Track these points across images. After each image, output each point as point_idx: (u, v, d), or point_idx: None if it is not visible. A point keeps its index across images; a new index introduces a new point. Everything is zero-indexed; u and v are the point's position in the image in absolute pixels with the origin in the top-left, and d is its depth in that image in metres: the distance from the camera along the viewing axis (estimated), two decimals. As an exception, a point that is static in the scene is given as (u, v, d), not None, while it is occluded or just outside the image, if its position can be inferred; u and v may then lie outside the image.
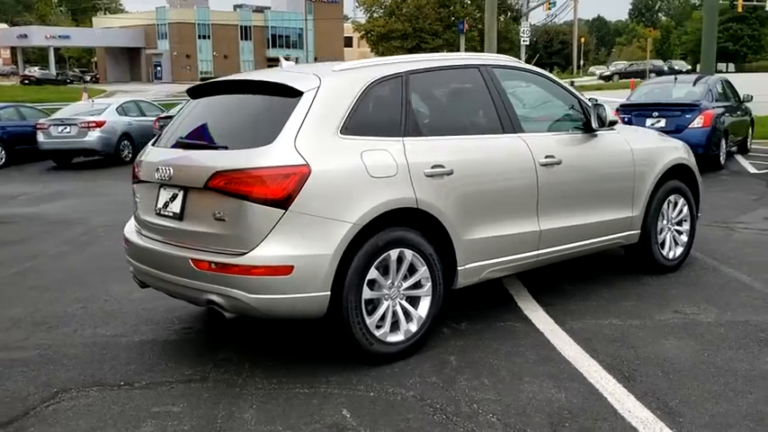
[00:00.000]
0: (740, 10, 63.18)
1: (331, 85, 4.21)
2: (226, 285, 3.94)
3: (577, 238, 5.28)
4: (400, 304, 4.30)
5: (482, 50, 66.29)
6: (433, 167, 4.36)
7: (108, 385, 4.14)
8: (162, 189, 4.43)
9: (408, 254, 4.25)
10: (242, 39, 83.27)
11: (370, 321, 4.16)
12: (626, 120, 12.40)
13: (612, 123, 5.54)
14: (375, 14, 67.25)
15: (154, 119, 17.66)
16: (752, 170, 12.60)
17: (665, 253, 6.02)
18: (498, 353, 4.41)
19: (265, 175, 3.86)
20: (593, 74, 67.89)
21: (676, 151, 6.10)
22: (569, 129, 5.38)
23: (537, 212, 4.94)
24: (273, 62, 73.18)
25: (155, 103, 21.42)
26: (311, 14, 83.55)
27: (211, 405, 3.83)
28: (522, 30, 53.34)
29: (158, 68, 79.35)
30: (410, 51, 64.54)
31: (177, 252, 4.19)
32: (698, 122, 12.01)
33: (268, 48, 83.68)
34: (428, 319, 4.41)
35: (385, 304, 4.22)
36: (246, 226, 3.90)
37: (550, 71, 72.06)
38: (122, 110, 18.04)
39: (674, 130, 11.77)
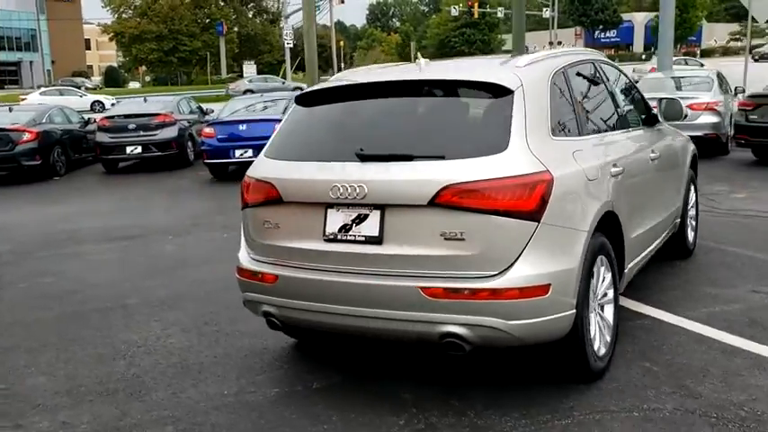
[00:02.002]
0: (476, 16, 69.43)
1: (531, 80, 3.83)
2: (472, 314, 3.42)
3: (663, 231, 5.43)
4: (599, 315, 4.07)
5: (246, 53, 65.46)
6: (614, 167, 4.20)
7: None
8: (333, 210, 3.72)
9: (604, 261, 4.04)
10: (-37, 40, 73.24)
11: (591, 336, 3.88)
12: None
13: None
14: (124, 15, 63.04)
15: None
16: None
17: (690, 237, 6.42)
18: (662, 350, 4.37)
19: (514, 184, 3.41)
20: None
21: (691, 142, 6.50)
22: (639, 123, 5.48)
23: (656, 208, 4.99)
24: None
25: None
26: (44, 14, 75.95)
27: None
28: (284, 32, 53.43)
29: None
30: (167, 53, 61.57)
31: (392, 282, 3.54)
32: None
33: (-5, 50, 74.54)
34: (616, 327, 4.23)
35: (592, 316, 3.96)
36: (497, 244, 3.41)
37: (311, 73, 72.81)
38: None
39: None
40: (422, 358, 4.43)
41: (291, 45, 52.37)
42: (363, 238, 3.64)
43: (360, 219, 3.65)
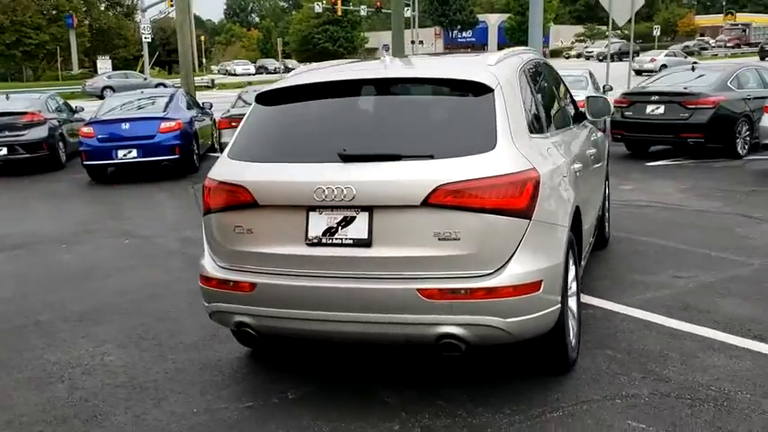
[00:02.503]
0: (339, 13, 69.65)
1: (506, 78, 3.86)
2: (470, 314, 3.41)
3: (597, 223, 5.69)
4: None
5: (99, 47, 61.78)
6: (575, 163, 4.33)
7: None
8: (316, 213, 3.58)
9: (571, 254, 4.15)
10: None
11: (568, 328, 3.98)
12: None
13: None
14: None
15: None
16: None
17: (606, 228, 6.79)
18: (617, 338, 4.58)
19: (506, 182, 3.43)
20: (223, 72, 68.19)
21: (606, 137, 6.85)
22: (572, 120, 5.68)
23: (595, 201, 5.21)
24: None
25: None
26: None
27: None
28: (142, 26, 51.16)
29: None
30: (9, 47, 57.16)
31: (386, 285, 3.45)
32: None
33: None
34: (580, 317, 4.37)
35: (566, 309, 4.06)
36: (492, 242, 3.41)
37: (170, 70, 70.17)
38: None
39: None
40: (390, 360, 4.38)
41: (149, 40, 50.17)
42: (351, 241, 3.53)
43: (346, 221, 3.54)
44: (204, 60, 78.71)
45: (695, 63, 14.00)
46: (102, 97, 37.57)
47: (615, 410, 3.63)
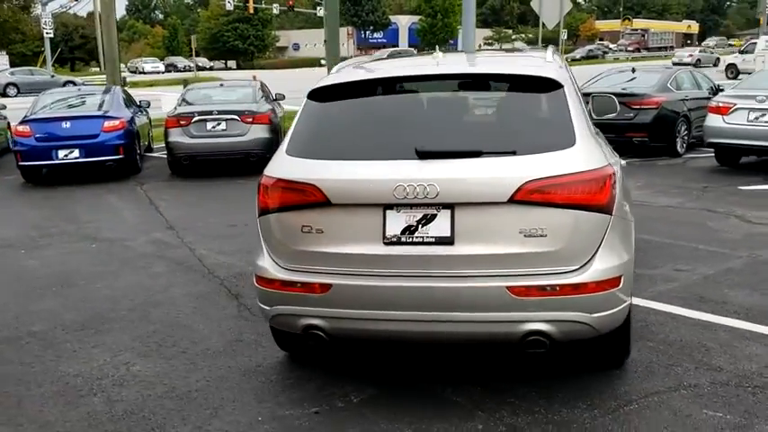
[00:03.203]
0: (251, 11, 68.54)
1: (566, 75, 3.89)
2: (558, 310, 3.42)
3: None
4: None
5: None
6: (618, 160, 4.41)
7: None
8: (393, 211, 3.50)
9: None
10: None
11: (629, 322, 4.05)
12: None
13: None
14: None
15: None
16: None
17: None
18: (651, 330, 4.71)
19: (590, 178, 3.46)
20: (132, 69, 65.57)
21: None
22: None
23: None
24: None
25: None
26: None
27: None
28: (43, 20, 48.79)
29: None
30: None
31: (474, 283, 3.41)
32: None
33: None
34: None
35: None
36: (579, 238, 3.43)
37: (72, 66, 66.91)
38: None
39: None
40: (440, 358, 4.34)
41: (51, 35, 47.87)
42: (433, 239, 3.47)
43: (426, 219, 3.48)
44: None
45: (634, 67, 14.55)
46: (4, 95, 35.52)
47: (685, 401, 3.73)
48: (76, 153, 11.91)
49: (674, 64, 41.03)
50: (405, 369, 4.29)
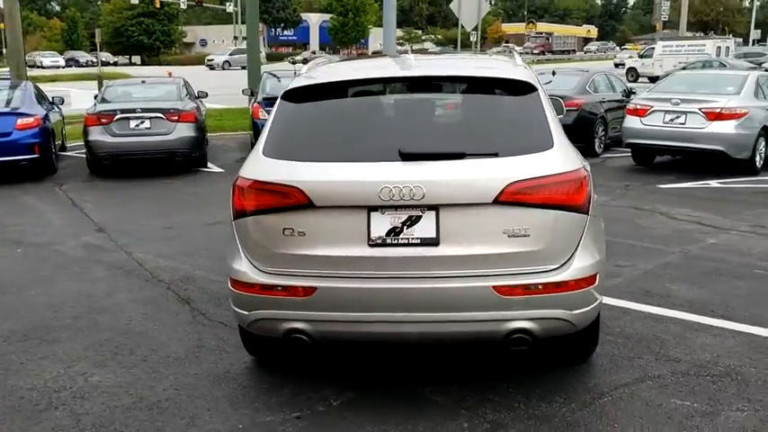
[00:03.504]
0: (157, 5, 66.65)
1: (536, 79, 3.99)
2: (541, 308, 3.51)
3: None
4: None
5: None
6: None
7: None
8: (378, 213, 3.50)
9: None
10: None
11: (595, 317, 4.19)
12: (271, 112, 12.83)
13: None
14: None
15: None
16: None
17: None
18: (606, 324, 4.90)
19: (569, 179, 3.57)
20: (30, 63, 62.07)
21: None
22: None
23: None
24: None
25: None
26: None
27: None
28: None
29: None
30: None
31: (460, 284, 3.45)
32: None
33: None
34: None
35: None
36: (560, 238, 3.54)
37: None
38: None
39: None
40: (409, 359, 4.36)
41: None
42: (418, 241, 3.50)
43: (411, 221, 3.50)
44: (4, 50, 71.88)
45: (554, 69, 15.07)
46: None
47: (653, 391, 3.91)
48: (-14, 152, 11.23)
49: (616, 65, 42.78)
50: (380, 371, 4.29)
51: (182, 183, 11.30)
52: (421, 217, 3.50)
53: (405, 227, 3.50)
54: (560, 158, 3.61)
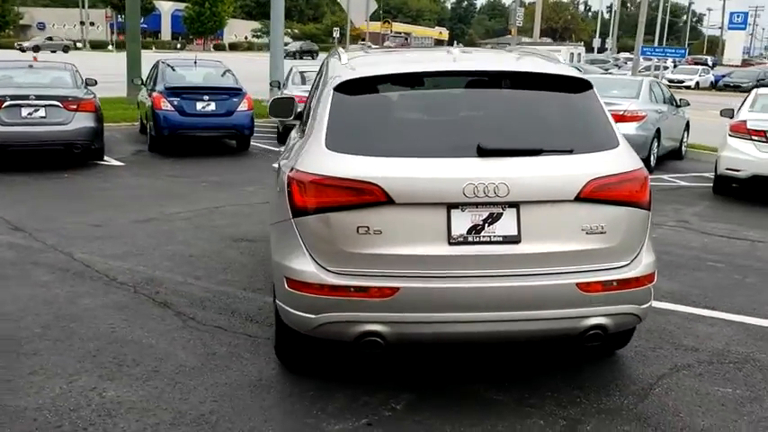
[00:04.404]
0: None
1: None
2: (617, 304, 3.56)
3: None
4: None
5: None
6: None
7: None
8: (458, 210, 3.41)
9: None
10: None
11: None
12: (175, 103, 12.22)
13: None
14: None
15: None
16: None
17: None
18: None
19: (637, 177, 3.64)
20: None
21: None
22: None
23: None
24: None
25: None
26: None
27: None
28: None
29: None
30: None
31: (543, 281, 3.43)
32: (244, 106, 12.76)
33: None
34: None
35: None
36: (631, 235, 3.60)
37: None
38: None
39: (224, 113, 12.40)
40: (444, 357, 4.29)
41: None
42: (500, 238, 3.44)
43: (492, 218, 3.44)
44: None
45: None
46: None
47: (692, 380, 4.10)
48: None
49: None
50: (422, 370, 4.18)
51: (84, 177, 10.45)
52: (502, 214, 3.44)
53: (486, 224, 3.43)
54: (628, 156, 3.68)
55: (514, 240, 3.44)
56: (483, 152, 3.44)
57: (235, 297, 5.42)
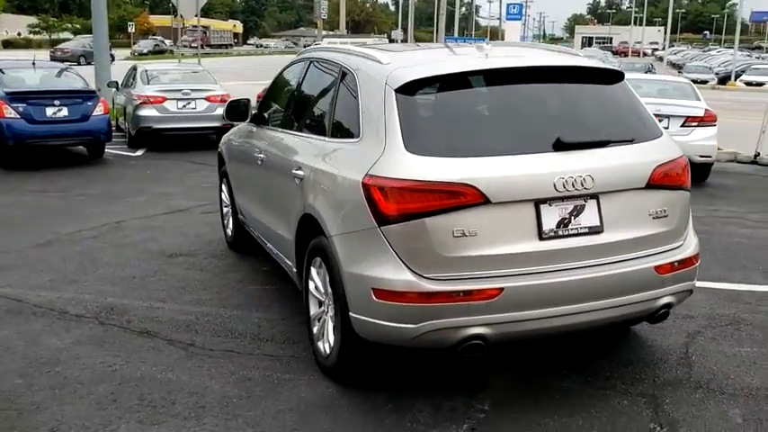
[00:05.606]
0: None
1: None
2: (680, 282, 3.79)
3: None
4: None
5: None
6: None
7: None
8: (546, 205, 3.44)
9: None
10: None
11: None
12: (20, 110, 10.96)
13: None
14: None
15: None
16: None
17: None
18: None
19: (684, 163, 3.88)
20: None
21: None
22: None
23: None
24: None
25: None
26: None
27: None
28: None
29: None
30: None
31: (625, 268, 3.56)
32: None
33: None
34: None
35: None
36: (684, 216, 3.85)
37: None
38: None
39: (79, 119, 11.36)
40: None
41: None
42: (586, 230, 3.53)
43: (576, 210, 3.52)
44: None
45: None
46: None
47: (716, 342, 4.49)
48: None
49: None
50: (465, 369, 4.16)
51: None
52: (584, 206, 3.52)
53: (572, 217, 3.50)
54: (673, 143, 3.92)
55: (598, 230, 3.54)
56: (563, 146, 3.50)
57: (220, 317, 5.03)
